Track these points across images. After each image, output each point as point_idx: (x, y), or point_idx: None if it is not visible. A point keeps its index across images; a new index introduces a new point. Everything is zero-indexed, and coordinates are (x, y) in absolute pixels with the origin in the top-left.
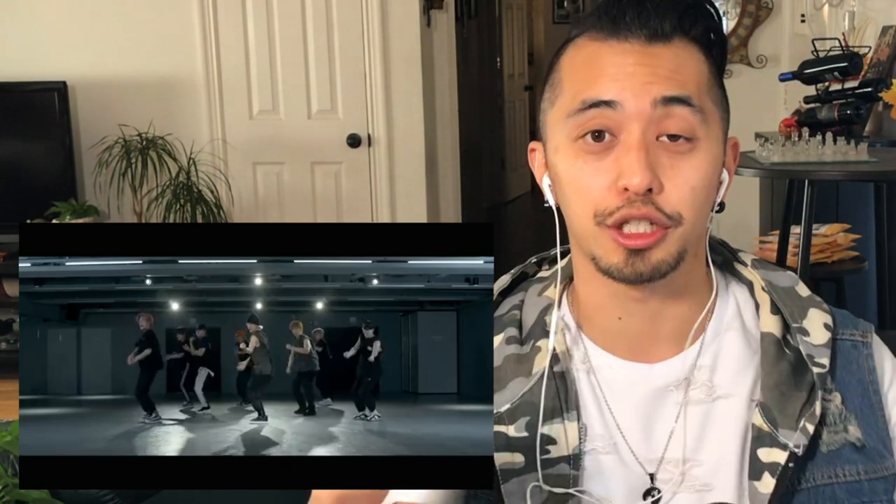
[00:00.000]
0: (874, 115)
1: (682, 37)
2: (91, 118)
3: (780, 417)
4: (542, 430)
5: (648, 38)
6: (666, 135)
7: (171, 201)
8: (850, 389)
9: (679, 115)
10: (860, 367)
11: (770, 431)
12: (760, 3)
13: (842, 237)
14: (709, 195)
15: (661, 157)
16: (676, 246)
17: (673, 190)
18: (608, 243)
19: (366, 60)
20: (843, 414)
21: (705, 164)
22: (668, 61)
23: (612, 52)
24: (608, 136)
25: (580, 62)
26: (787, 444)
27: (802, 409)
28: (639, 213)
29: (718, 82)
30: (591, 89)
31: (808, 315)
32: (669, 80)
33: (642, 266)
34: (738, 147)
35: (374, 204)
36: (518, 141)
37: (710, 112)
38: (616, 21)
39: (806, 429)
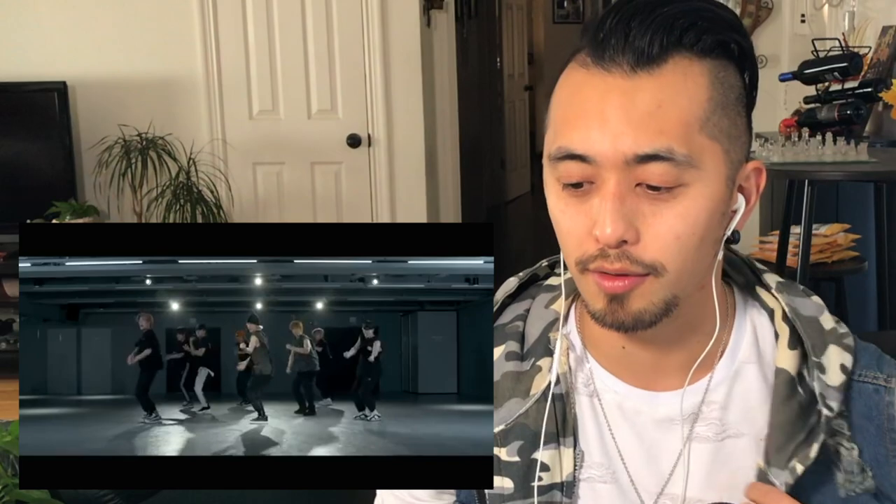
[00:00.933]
0: (874, 115)
1: (684, 52)
2: (91, 118)
3: (776, 457)
4: (535, 456)
5: (633, 65)
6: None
7: (171, 201)
8: (867, 437)
9: (657, 169)
10: (879, 414)
11: (765, 470)
12: (760, 3)
13: (842, 237)
14: (703, 239)
15: (642, 205)
16: (661, 295)
17: (652, 240)
18: (591, 287)
19: (366, 60)
20: (861, 465)
21: (694, 210)
22: (650, 99)
23: (593, 86)
24: (586, 183)
25: (564, 95)
26: (775, 483)
27: (797, 448)
28: (612, 269)
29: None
30: (567, 135)
31: (827, 352)
32: (646, 128)
33: (622, 314)
34: (763, 172)
35: (374, 204)
36: (518, 141)
37: (704, 151)
38: (602, 45)
39: (794, 469)
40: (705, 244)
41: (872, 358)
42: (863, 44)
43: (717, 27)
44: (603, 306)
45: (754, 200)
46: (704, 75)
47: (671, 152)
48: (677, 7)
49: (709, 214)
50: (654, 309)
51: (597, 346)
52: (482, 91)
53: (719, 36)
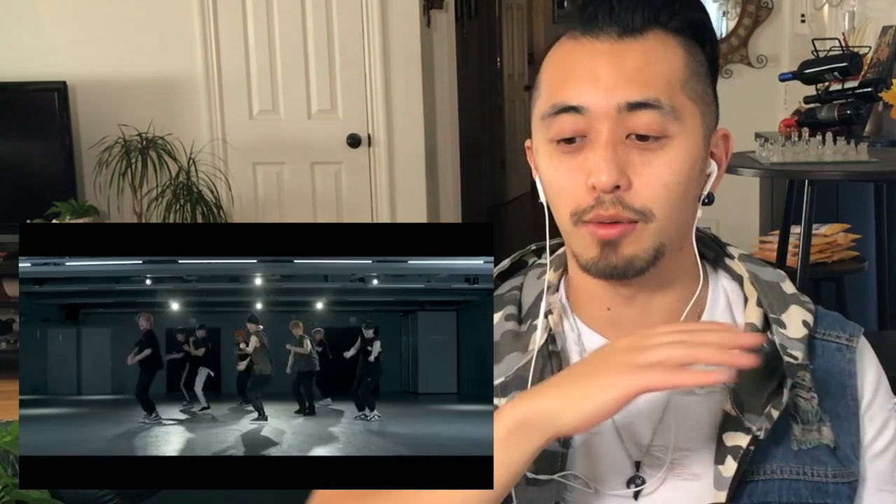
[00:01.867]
0: (874, 115)
1: (660, 29)
2: (91, 118)
3: (749, 403)
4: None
5: (619, 34)
6: (635, 134)
7: (171, 201)
8: (829, 391)
9: (646, 117)
10: (841, 371)
11: (737, 416)
12: (760, 3)
13: (842, 237)
14: (686, 190)
15: (632, 155)
16: (651, 242)
17: (643, 187)
18: (585, 238)
19: (366, 60)
20: (819, 415)
21: (678, 160)
22: (636, 58)
23: (583, 51)
24: (578, 138)
25: (555, 63)
26: (751, 428)
27: (770, 396)
28: (607, 215)
29: (701, 75)
30: (561, 93)
31: (789, 310)
32: (634, 82)
33: (615, 259)
34: (730, 138)
35: (374, 204)
36: (518, 141)
37: (685, 108)
38: (589, 18)
39: (770, 414)
40: (687, 198)
41: (835, 320)
42: (863, 44)
43: (687, 9)
44: (596, 253)
45: (724, 166)
46: (679, 47)
47: (658, 101)
48: None
49: (690, 166)
50: (644, 255)
51: (584, 310)
52: (482, 91)
53: (687, 15)
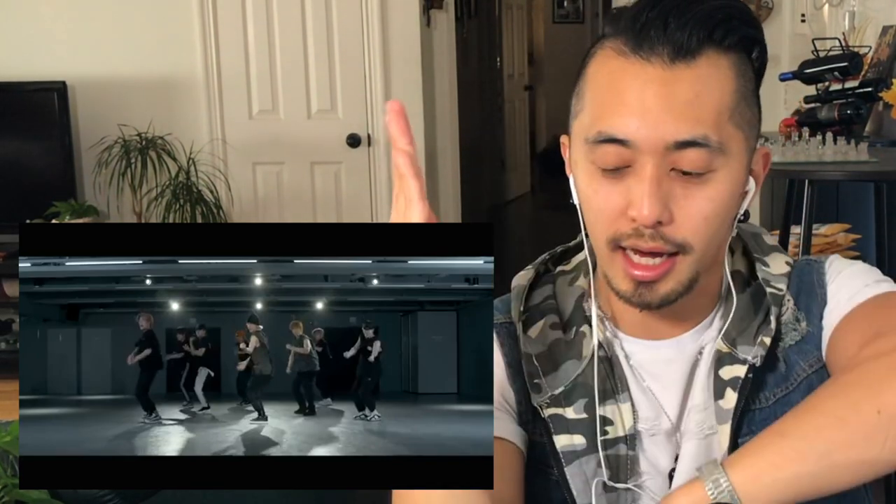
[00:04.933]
0: (874, 115)
1: (713, 48)
2: (91, 118)
3: (740, 338)
4: (599, 412)
5: (672, 57)
6: (679, 169)
7: (171, 201)
8: (803, 289)
9: (693, 155)
10: (811, 277)
11: (730, 351)
12: (760, 2)
13: (842, 237)
14: (725, 219)
15: (675, 188)
16: (687, 274)
17: (684, 220)
18: (619, 269)
19: (366, 60)
20: (797, 314)
21: (721, 193)
22: (688, 89)
23: (633, 74)
24: (622, 167)
25: (603, 80)
26: (746, 359)
27: (759, 327)
28: (647, 248)
29: (748, 95)
30: (608, 120)
31: (771, 255)
32: (685, 118)
33: (650, 296)
34: (770, 156)
35: (374, 204)
36: (518, 141)
37: (732, 139)
38: (640, 35)
39: (763, 342)
40: (725, 224)
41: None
42: (863, 43)
43: (743, 24)
44: (630, 288)
45: (760, 182)
46: (731, 68)
47: (707, 139)
48: (710, 4)
49: (731, 197)
50: (680, 288)
51: (619, 316)
52: (482, 91)
53: (742, 32)
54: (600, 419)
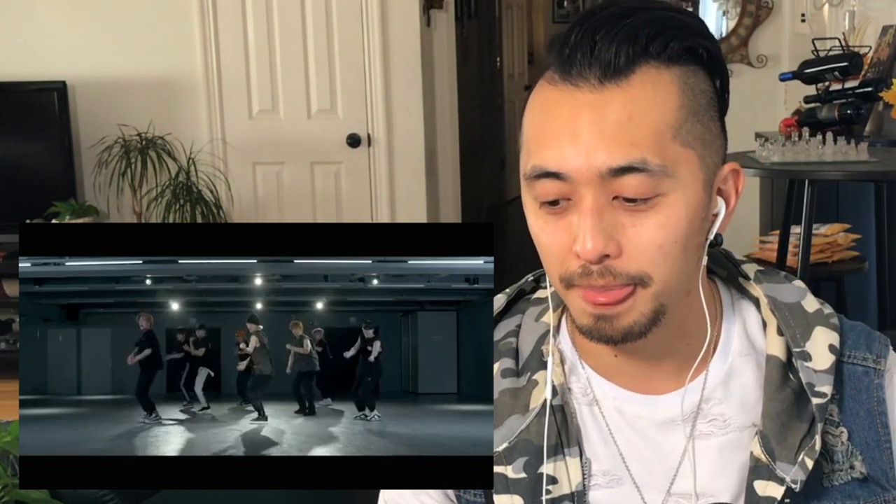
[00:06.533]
0: (874, 115)
1: (651, 63)
2: (91, 118)
3: (779, 449)
4: (541, 470)
5: (601, 78)
6: (622, 196)
7: (171, 201)
8: (858, 421)
9: (633, 181)
10: (869, 397)
11: (768, 463)
12: (760, 2)
13: (842, 237)
14: (686, 246)
15: (621, 218)
16: (650, 306)
17: (635, 252)
18: (577, 303)
19: (366, 60)
20: (850, 450)
21: (673, 218)
22: (621, 109)
23: (563, 102)
24: (563, 200)
25: (536, 112)
26: (785, 479)
27: (802, 441)
28: (597, 285)
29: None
30: (541, 153)
31: (813, 335)
32: (617, 142)
33: (610, 331)
34: (740, 173)
35: (374, 204)
36: (518, 141)
37: (679, 160)
38: (569, 60)
39: (805, 463)
40: (688, 251)
41: (861, 337)
42: (863, 43)
43: (684, 34)
44: (590, 322)
45: (734, 202)
46: (674, 83)
47: (645, 163)
48: (641, 17)
49: (688, 221)
50: (642, 320)
51: (591, 355)
52: (482, 91)
53: (686, 42)
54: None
